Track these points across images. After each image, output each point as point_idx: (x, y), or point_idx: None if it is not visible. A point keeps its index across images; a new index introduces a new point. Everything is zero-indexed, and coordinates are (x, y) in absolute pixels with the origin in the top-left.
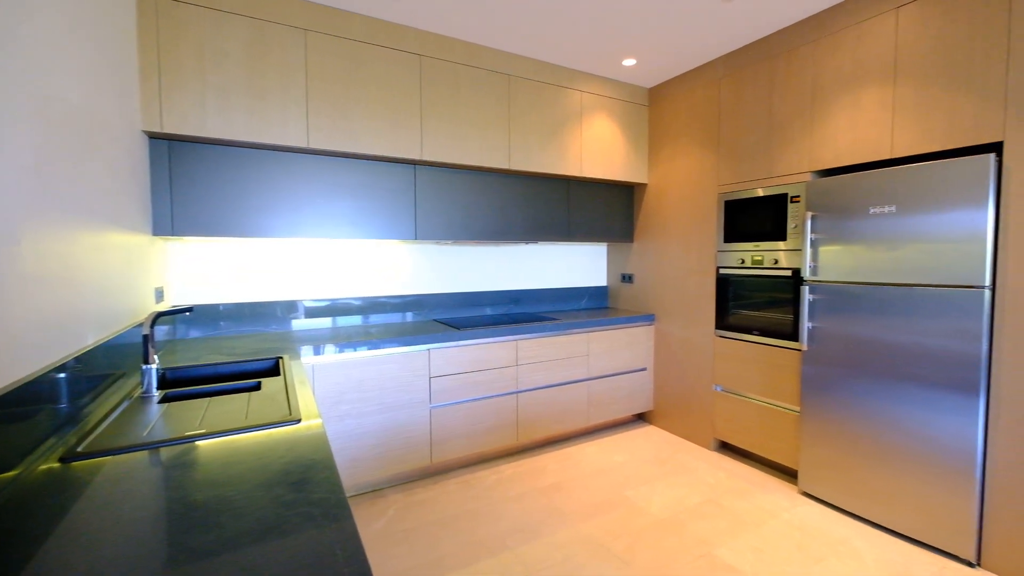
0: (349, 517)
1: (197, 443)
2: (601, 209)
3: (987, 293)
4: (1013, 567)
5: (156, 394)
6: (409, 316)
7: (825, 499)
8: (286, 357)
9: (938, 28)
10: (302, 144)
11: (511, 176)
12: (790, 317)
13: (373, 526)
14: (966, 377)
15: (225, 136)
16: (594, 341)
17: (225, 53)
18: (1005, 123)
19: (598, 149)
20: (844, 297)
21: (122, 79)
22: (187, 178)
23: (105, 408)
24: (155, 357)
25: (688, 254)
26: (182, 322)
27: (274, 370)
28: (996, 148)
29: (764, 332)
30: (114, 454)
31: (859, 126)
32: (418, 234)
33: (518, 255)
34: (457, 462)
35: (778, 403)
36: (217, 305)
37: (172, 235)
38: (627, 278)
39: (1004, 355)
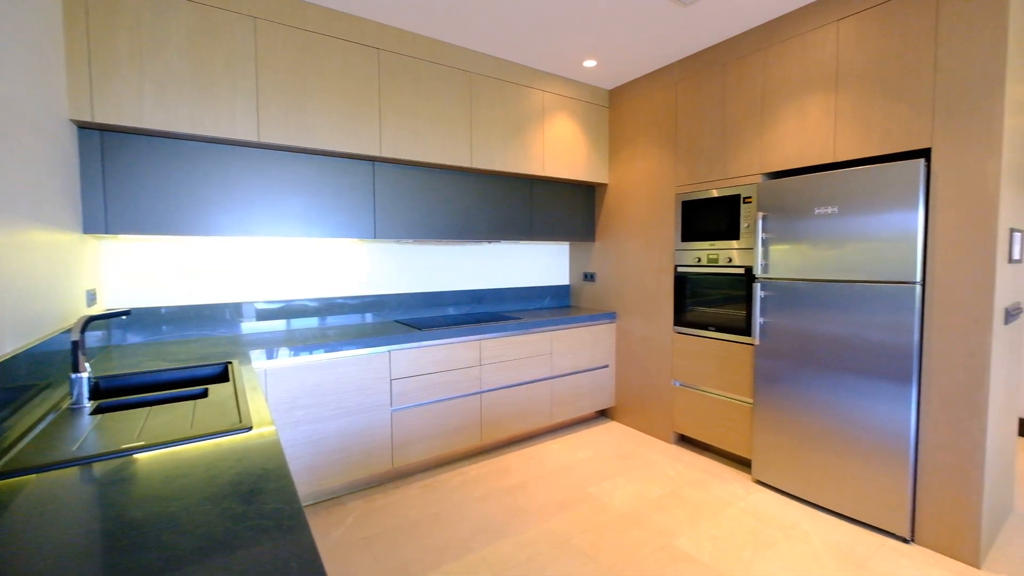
0: (305, 528)
1: (135, 456)
2: (563, 208)
3: (918, 288)
4: (942, 541)
5: (88, 405)
6: (369, 317)
7: (777, 486)
8: (236, 362)
9: (874, 41)
10: (252, 138)
11: (473, 174)
12: (743, 313)
13: (332, 535)
14: (900, 366)
15: (166, 128)
16: (557, 340)
17: (166, 39)
18: (933, 131)
19: (560, 149)
20: (792, 293)
21: (44, 63)
22: (123, 172)
23: (27, 422)
24: (86, 365)
25: (648, 253)
26: (119, 327)
27: (223, 376)
28: (925, 154)
29: (719, 328)
30: (38, 472)
31: (805, 131)
32: (377, 233)
33: (481, 254)
34: (420, 465)
35: (733, 396)
36: (159, 308)
37: (106, 233)
38: (589, 277)
39: (933, 345)
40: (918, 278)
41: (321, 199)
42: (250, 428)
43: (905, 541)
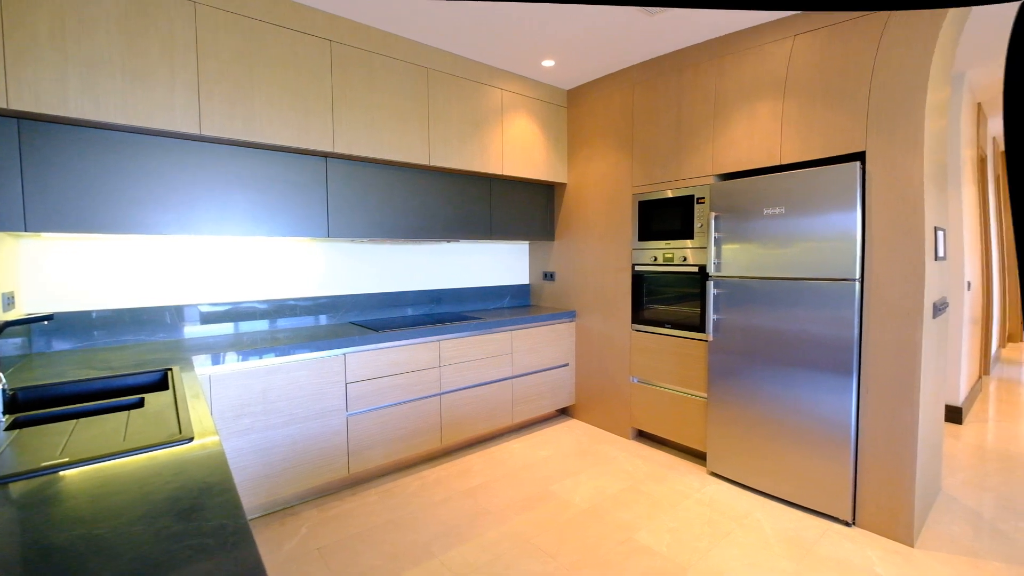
0: (251, 544)
1: (58, 474)
2: (523, 207)
3: (857, 285)
4: (880, 522)
5: (2, 419)
6: (323, 319)
7: (730, 477)
8: (176, 368)
9: (821, 53)
10: (194, 131)
11: (431, 172)
12: (698, 310)
13: (284, 547)
14: (842, 359)
15: (95, 117)
16: (517, 339)
17: (93, 22)
18: (867, 135)
19: (519, 148)
20: (743, 291)
21: None
22: (46, 164)
23: None
24: (1, 375)
25: (606, 252)
26: (42, 333)
27: (161, 384)
28: (861, 157)
29: (675, 325)
30: None
31: (754, 135)
32: (331, 231)
33: (439, 254)
34: (378, 471)
35: (688, 391)
36: (89, 312)
37: (24, 231)
38: (549, 276)
39: (870, 338)
40: (857, 275)
41: (270, 196)
42: (191, 439)
43: (847, 524)
